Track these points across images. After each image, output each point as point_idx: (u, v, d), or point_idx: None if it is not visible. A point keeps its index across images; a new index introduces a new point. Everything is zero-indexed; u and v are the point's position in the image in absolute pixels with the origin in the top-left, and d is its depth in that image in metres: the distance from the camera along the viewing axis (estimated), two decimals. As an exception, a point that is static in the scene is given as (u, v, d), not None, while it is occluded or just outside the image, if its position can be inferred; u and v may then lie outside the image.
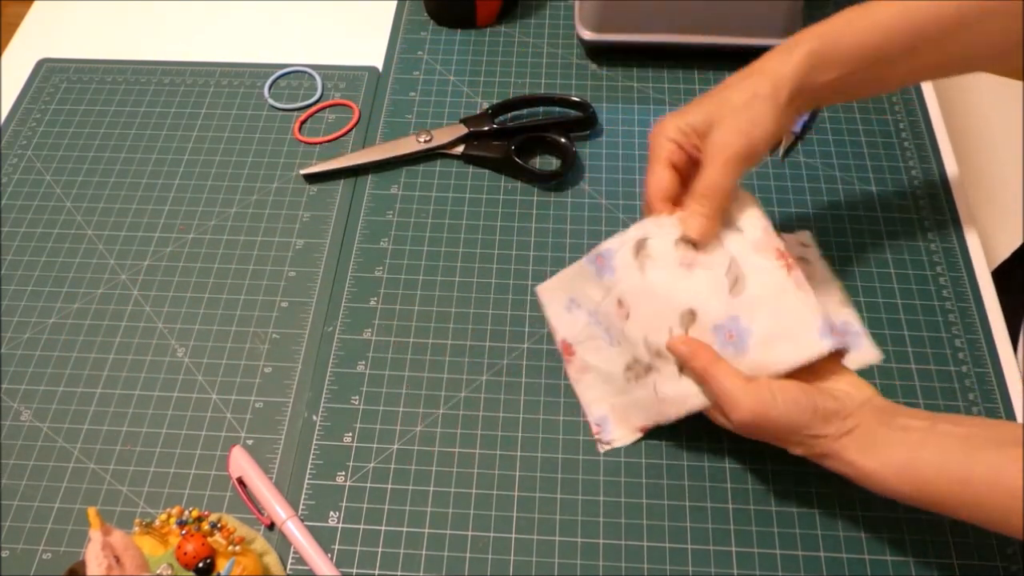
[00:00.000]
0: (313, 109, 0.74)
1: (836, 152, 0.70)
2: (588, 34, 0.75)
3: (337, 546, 0.52)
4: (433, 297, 0.63)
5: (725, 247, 0.51)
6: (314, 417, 0.57)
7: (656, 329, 0.51)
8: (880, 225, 0.65)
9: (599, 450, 0.55)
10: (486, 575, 0.51)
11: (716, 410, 0.49)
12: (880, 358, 0.52)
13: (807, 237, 0.64)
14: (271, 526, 0.53)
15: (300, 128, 0.73)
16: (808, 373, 0.48)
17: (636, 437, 0.55)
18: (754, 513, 0.53)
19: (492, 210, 0.67)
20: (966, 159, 1.01)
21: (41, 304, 0.63)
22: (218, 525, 0.48)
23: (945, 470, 0.43)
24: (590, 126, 0.71)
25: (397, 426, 0.57)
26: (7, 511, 0.54)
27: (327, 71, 0.77)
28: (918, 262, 0.63)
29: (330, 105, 0.75)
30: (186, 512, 0.48)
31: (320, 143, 0.72)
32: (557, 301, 0.59)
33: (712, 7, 0.72)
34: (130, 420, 0.57)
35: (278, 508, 0.53)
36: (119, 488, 0.55)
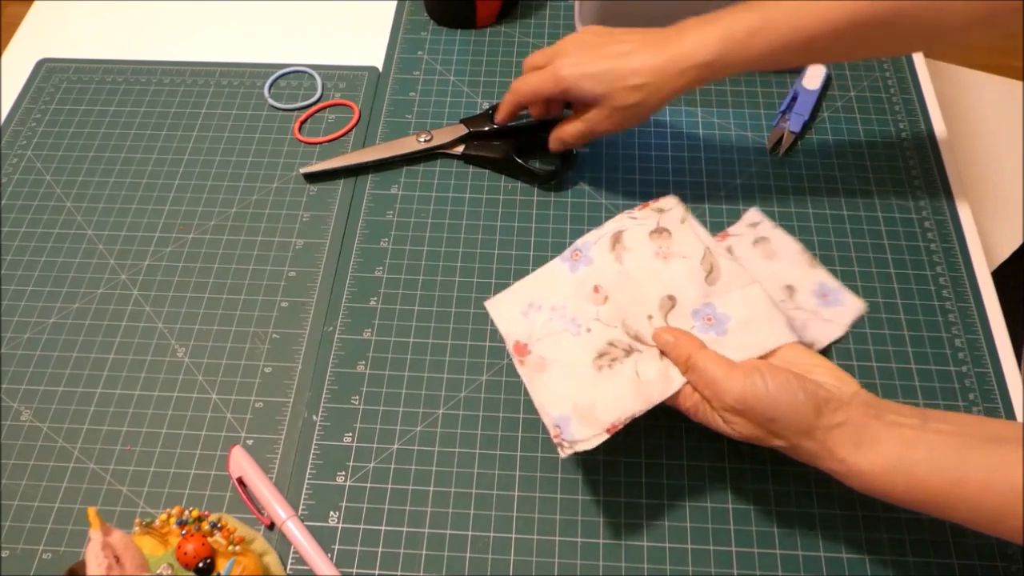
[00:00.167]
0: (313, 109, 0.74)
1: (836, 152, 0.70)
2: (588, 34, 0.75)
3: (337, 546, 0.52)
4: (433, 297, 0.63)
5: (699, 239, 0.54)
6: (314, 417, 0.57)
7: (635, 314, 0.52)
8: (880, 225, 0.65)
9: (561, 454, 0.48)
10: (486, 575, 0.51)
11: (705, 404, 0.47)
12: (866, 308, 0.51)
13: (755, 215, 0.65)
14: (271, 526, 0.53)
15: (300, 128, 0.73)
16: (792, 366, 0.47)
17: (603, 439, 0.48)
18: (754, 513, 0.53)
19: (492, 210, 0.67)
20: (966, 159, 1.01)
21: (41, 304, 0.63)
22: (218, 525, 0.48)
23: (938, 469, 0.42)
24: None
25: (397, 426, 0.57)
26: (7, 511, 0.54)
27: (327, 71, 0.77)
28: (918, 262, 0.63)
29: (330, 105, 0.75)
30: (186, 512, 0.48)
31: (320, 143, 0.72)
32: (511, 309, 0.55)
33: (711, 7, 0.72)
34: (130, 420, 0.58)
35: (278, 508, 0.53)
36: (119, 488, 0.55)
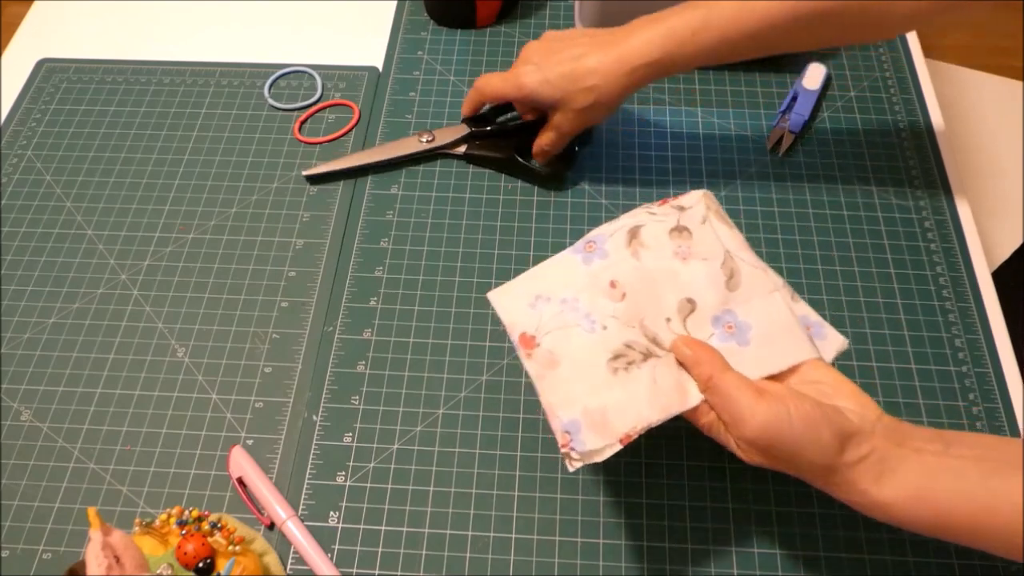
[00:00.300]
0: (313, 109, 0.74)
1: (836, 152, 0.70)
2: (588, 34, 0.75)
3: (337, 546, 0.52)
4: (433, 297, 0.63)
5: (720, 241, 0.50)
6: (314, 417, 0.57)
7: (653, 315, 0.48)
8: (880, 225, 0.65)
9: (569, 468, 0.44)
10: (486, 575, 0.51)
11: (721, 424, 0.44)
12: (846, 343, 0.48)
13: (694, 198, 0.54)
14: (271, 526, 0.53)
15: (300, 128, 0.73)
16: (815, 387, 0.44)
17: (616, 449, 0.44)
18: (754, 513, 0.53)
19: (492, 210, 0.67)
20: (966, 159, 1.01)
21: (41, 304, 0.63)
22: (218, 525, 0.48)
23: (964, 499, 0.40)
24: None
25: (397, 426, 0.57)
26: (7, 511, 0.54)
27: (327, 71, 0.77)
28: (918, 262, 0.63)
29: (330, 105, 0.75)
30: (186, 512, 0.48)
31: (320, 143, 0.72)
32: (517, 300, 0.51)
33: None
34: (130, 420, 0.58)
35: (278, 508, 0.53)
36: (119, 488, 0.55)
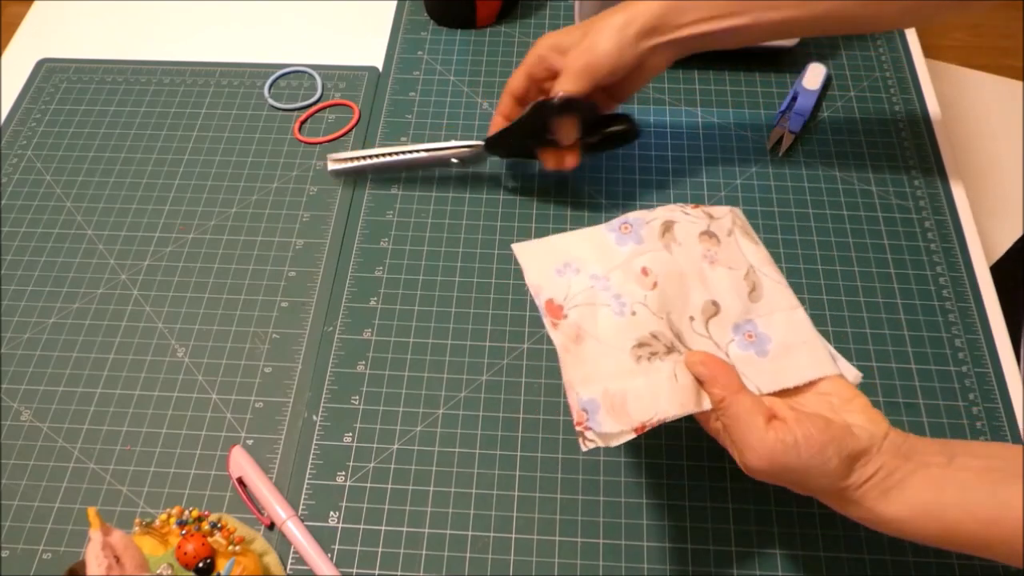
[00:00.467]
0: (313, 109, 0.74)
1: (836, 152, 0.70)
2: (588, 34, 0.75)
3: (337, 546, 0.52)
4: (433, 297, 0.63)
5: (744, 255, 0.51)
6: (314, 417, 0.57)
7: (680, 310, 0.49)
8: (880, 225, 0.65)
9: (583, 447, 0.43)
10: (486, 575, 0.51)
11: (727, 442, 0.44)
12: (860, 377, 0.48)
13: (724, 210, 0.55)
14: (271, 526, 0.53)
15: (300, 128, 0.73)
16: (825, 399, 0.45)
17: (629, 437, 0.43)
18: (754, 513, 0.53)
19: (492, 210, 0.67)
20: (966, 159, 1.01)
21: (41, 304, 0.63)
22: (218, 525, 0.48)
23: (971, 511, 0.40)
24: (633, 138, 0.65)
25: (397, 426, 0.57)
26: (7, 511, 0.54)
27: (327, 71, 0.77)
28: (918, 262, 0.63)
29: (330, 105, 0.75)
30: (186, 512, 0.48)
31: (320, 143, 0.72)
32: (545, 261, 0.50)
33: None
34: (130, 420, 0.58)
35: (278, 508, 0.53)
36: (119, 488, 0.55)
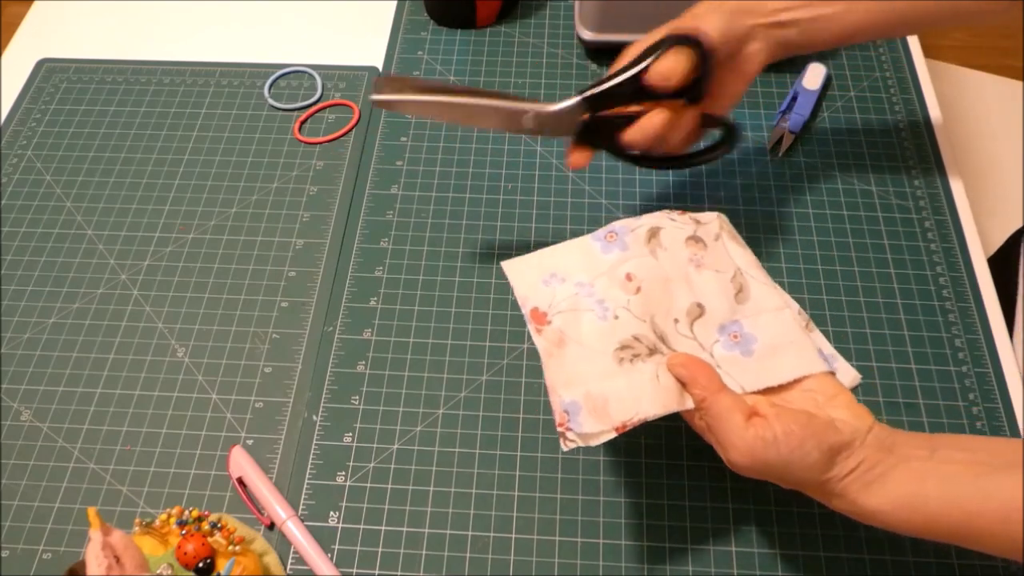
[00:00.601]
0: (313, 109, 0.74)
1: (836, 152, 0.70)
2: (588, 34, 0.75)
3: (337, 546, 0.52)
4: (433, 297, 0.63)
5: (732, 258, 0.52)
6: (314, 417, 0.57)
7: (664, 313, 0.50)
8: (880, 225, 0.65)
9: (563, 446, 0.44)
10: (486, 575, 0.51)
11: (711, 440, 0.45)
12: (859, 378, 0.48)
13: (711, 216, 0.55)
14: (271, 526, 0.53)
15: (300, 128, 0.73)
16: (810, 395, 0.46)
17: (610, 436, 0.44)
18: (754, 513, 0.53)
19: (492, 210, 0.67)
20: (966, 159, 1.01)
21: (41, 304, 0.63)
22: (218, 525, 0.48)
23: (952, 503, 0.41)
24: (734, 141, 0.57)
25: (397, 426, 0.57)
26: (7, 511, 0.54)
27: (327, 71, 0.77)
28: (918, 262, 0.63)
29: (330, 105, 0.75)
30: (186, 512, 0.48)
31: (320, 143, 0.72)
32: (532, 274, 0.52)
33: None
34: (130, 420, 0.58)
35: (278, 508, 0.53)
36: (119, 488, 0.55)
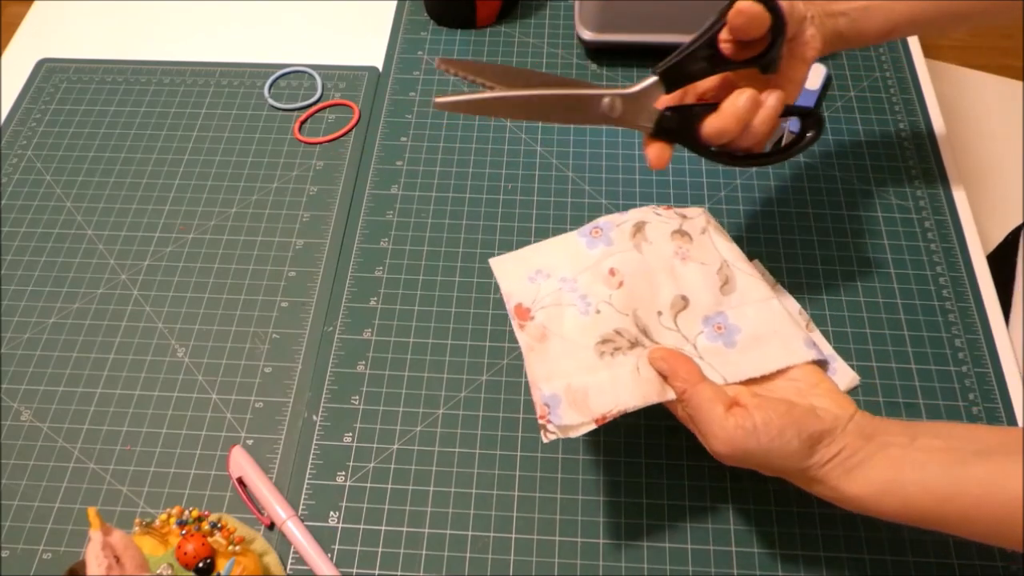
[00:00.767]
0: (313, 109, 0.74)
1: (836, 152, 0.70)
2: (588, 34, 0.75)
3: (337, 546, 0.52)
4: (433, 297, 0.63)
5: (718, 251, 0.53)
6: (314, 417, 0.57)
7: (647, 307, 0.50)
8: (880, 225, 0.65)
9: (544, 439, 0.46)
10: (486, 575, 0.51)
11: (694, 431, 0.47)
12: (858, 380, 0.49)
13: (697, 211, 0.56)
14: (271, 526, 0.53)
15: (300, 128, 0.73)
16: (793, 384, 0.47)
17: (590, 428, 0.46)
18: (754, 513, 0.53)
19: (492, 210, 0.67)
20: (966, 159, 1.01)
21: (41, 304, 0.63)
22: (218, 525, 0.48)
23: (928, 488, 0.42)
24: (820, 129, 0.55)
25: (397, 426, 0.57)
26: (7, 511, 0.54)
27: (327, 71, 0.77)
28: (918, 262, 0.63)
29: (330, 105, 0.75)
30: (186, 512, 0.48)
31: (320, 143, 0.72)
32: (517, 271, 0.53)
33: (712, 8, 0.72)
34: (130, 420, 0.58)
35: (278, 508, 0.53)
36: (119, 488, 0.55)
